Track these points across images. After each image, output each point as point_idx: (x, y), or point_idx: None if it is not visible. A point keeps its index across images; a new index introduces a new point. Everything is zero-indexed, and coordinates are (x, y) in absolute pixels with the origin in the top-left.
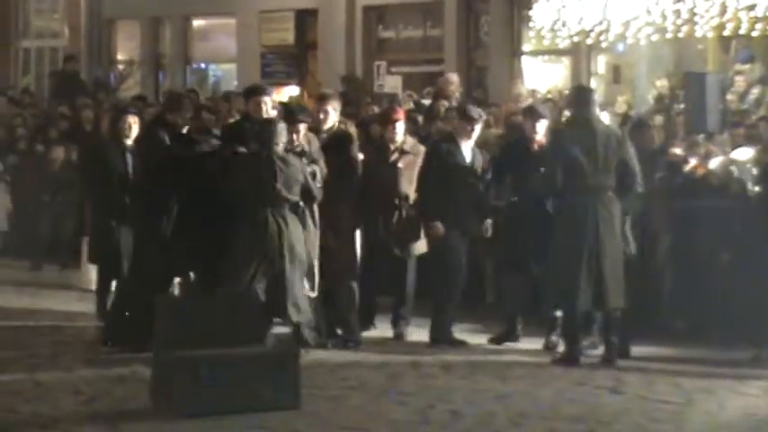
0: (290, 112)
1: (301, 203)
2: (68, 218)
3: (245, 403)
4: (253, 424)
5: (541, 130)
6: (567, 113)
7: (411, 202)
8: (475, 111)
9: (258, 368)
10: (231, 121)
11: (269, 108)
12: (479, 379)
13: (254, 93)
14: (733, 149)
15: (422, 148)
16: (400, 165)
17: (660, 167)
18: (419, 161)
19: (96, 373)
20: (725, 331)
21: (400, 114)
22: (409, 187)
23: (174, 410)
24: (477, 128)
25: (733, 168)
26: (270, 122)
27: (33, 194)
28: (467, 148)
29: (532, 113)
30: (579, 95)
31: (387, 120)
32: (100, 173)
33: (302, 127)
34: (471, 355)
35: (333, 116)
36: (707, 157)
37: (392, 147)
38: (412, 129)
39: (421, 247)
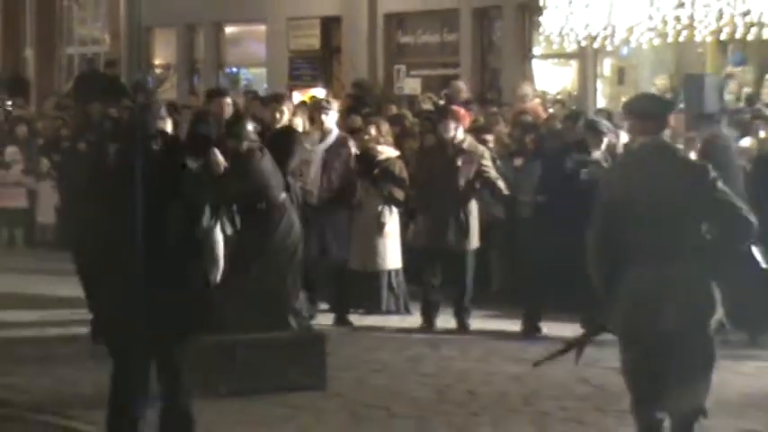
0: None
1: None
2: None
3: (276, 384)
4: (282, 403)
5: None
6: None
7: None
8: (603, 125)
9: (288, 352)
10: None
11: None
12: (495, 361)
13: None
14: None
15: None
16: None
17: None
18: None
19: None
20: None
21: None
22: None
23: (210, 390)
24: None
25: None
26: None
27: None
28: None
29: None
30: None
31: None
32: None
33: None
34: (487, 340)
35: (286, 116)
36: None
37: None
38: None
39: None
